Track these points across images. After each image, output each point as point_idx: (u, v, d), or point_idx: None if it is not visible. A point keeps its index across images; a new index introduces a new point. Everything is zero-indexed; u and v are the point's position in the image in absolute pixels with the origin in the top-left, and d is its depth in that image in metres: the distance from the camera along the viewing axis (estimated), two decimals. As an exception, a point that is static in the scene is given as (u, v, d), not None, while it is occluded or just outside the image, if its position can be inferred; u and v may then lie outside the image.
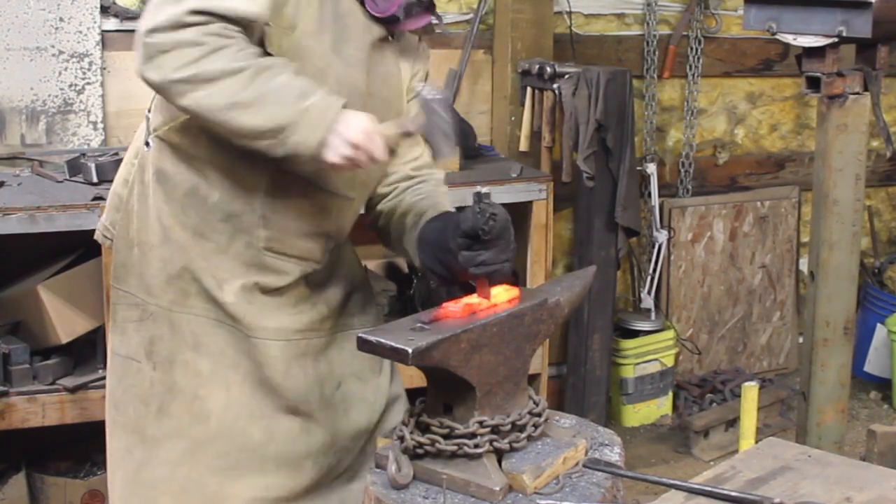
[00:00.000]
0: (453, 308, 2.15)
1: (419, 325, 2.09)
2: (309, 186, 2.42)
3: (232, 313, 2.43)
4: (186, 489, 2.44)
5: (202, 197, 2.39)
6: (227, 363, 2.44)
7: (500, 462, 2.13)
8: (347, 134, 2.20)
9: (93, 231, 2.65)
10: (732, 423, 4.68)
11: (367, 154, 2.22)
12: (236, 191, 2.38)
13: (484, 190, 2.19)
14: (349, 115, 2.22)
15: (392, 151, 2.29)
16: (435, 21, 2.55)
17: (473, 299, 2.19)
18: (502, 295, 2.22)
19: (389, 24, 2.44)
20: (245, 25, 2.18)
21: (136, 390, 2.47)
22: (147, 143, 2.45)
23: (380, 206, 2.60)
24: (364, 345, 2.08)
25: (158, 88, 2.21)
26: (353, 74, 2.39)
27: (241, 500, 2.46)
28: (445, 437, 2.12)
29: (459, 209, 2.37)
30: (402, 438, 2.15)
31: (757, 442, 2.37)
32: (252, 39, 2.21)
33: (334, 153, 2.21)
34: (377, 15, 2.41)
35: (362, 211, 2.63)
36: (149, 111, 2.48)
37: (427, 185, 2.58)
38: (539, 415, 2.22)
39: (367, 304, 2.68)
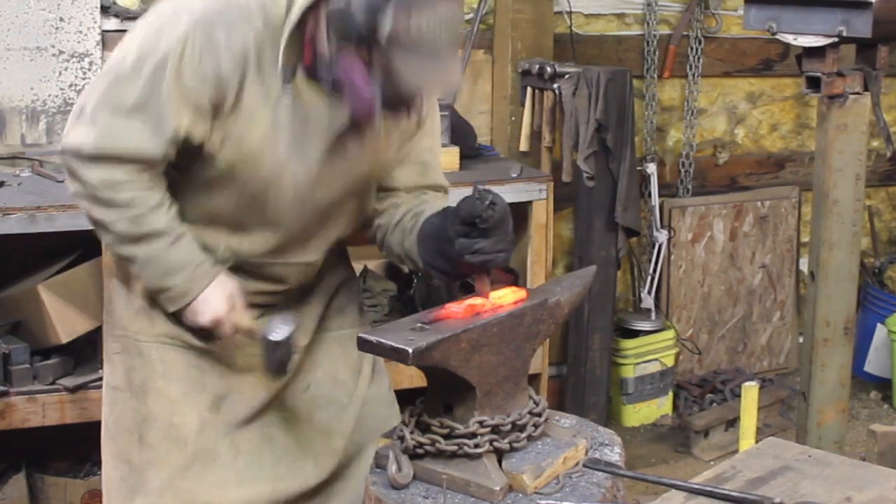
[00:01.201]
0: (454, 308, 2.14)
1: (419, 325, 2.09)
2: (263, 259, 2.44)
3: (199, 341, 2.47)
4: None
5: None
6: (194, 385, 2.47)
7: (500, 462, 2.13)
8: (203, 316, 2.36)
9: (93, 231, 2.64)
10: (732, 423, 4.67)
11: (227, 328, 2.39)
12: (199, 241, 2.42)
13: (482, 187, 2.19)
14: (209, 295, 2.34)
15: (251, 333, 2.39)
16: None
17: (475, 300, 2.19)
18: (509, 296, 2.22)
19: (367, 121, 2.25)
20: (148, 160, 2.24)
21: (123, 420, 2.50)
22: None
23: (377, 221, 2.55)
24: (364, 345, 2.08)
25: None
26: (313, 168, 2.33)
27: None
28: (445, 437, 2.12)
29: None
30: (402, 438, 2.15)
31: (757, 442, 2.37)
32: (192, 148, 2.26)
33: (195, 321, 2.39)
34: (358, 117, 2.23)
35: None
36: None
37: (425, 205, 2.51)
38: (539, 415, 2.22)
39: (348, 305, 2.66)
